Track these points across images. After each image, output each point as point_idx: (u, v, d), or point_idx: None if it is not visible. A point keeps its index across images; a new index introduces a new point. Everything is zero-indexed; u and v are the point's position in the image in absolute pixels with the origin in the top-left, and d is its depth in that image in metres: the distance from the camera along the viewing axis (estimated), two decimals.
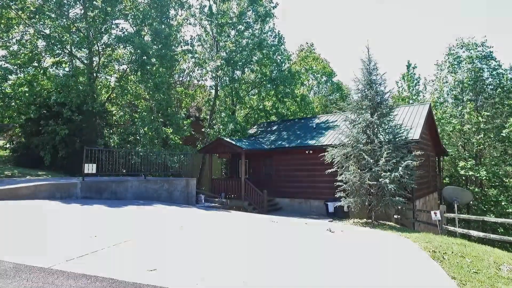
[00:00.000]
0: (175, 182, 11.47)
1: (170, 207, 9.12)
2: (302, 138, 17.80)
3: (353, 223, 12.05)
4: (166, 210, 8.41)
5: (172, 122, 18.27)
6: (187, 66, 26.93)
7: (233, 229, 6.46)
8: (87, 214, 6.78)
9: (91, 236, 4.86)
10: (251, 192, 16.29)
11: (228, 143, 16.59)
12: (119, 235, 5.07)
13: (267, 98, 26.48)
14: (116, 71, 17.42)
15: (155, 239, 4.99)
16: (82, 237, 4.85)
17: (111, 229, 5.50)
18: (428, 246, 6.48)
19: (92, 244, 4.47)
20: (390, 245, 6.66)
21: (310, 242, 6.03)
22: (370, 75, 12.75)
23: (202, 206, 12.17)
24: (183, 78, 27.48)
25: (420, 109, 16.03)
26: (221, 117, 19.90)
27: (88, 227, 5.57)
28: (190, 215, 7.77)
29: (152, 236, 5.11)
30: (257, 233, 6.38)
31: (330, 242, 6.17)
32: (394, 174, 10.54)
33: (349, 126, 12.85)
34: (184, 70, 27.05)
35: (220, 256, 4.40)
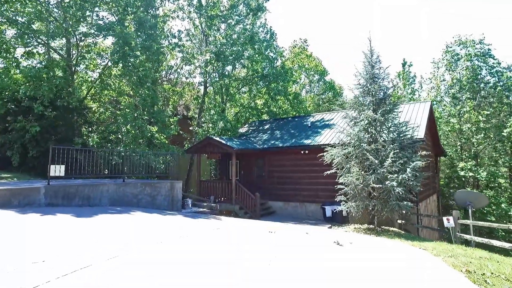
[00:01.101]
0: (158, 186, 10.24)
1: (151, 215, 7.90)
2: (296, 137, 16.76)
3: (355, 230, 11.04)
4: (145, 219, 7.20)
5: (157, 120, 16.99)
6: (175, 63, 25.67)
7: (224, 247, 5.31)
8: (44, 228, 5.54)
9: (35, 262, 3.65)
10: (242, 195, 15.16)
11: (218, 142, 15.42)
12: (76, 259, 3.88)
13: (258, 96, 25.39)
14: (97, 64, 16.03)
15: (121, 269, 3.80)
16: (22, 263, 3.63)
17: (67, 250, 4.30)
18: (456, 262, 5.47)
19: (32, 274, 3.27)
20: (412, 262, 5.63)
21: (319, 264, 4.93)
22: (373, 69, 11.79)
23: (189, 212, 10.97)
24: (171, 75, 26.18)
25: (422, 107, 15.17)
26: (210, 115, 18.70)
27: (38, 246, 4.35)
28: (171, 226, 6.58)
29: (118, 265, 3.93)
30: (255, 251, 5.26)
31: (343, 263, 5.10)
32: (402, 176, 9.56)
33: (350, 124, 11.86)
34: (172, 67, 25.77)
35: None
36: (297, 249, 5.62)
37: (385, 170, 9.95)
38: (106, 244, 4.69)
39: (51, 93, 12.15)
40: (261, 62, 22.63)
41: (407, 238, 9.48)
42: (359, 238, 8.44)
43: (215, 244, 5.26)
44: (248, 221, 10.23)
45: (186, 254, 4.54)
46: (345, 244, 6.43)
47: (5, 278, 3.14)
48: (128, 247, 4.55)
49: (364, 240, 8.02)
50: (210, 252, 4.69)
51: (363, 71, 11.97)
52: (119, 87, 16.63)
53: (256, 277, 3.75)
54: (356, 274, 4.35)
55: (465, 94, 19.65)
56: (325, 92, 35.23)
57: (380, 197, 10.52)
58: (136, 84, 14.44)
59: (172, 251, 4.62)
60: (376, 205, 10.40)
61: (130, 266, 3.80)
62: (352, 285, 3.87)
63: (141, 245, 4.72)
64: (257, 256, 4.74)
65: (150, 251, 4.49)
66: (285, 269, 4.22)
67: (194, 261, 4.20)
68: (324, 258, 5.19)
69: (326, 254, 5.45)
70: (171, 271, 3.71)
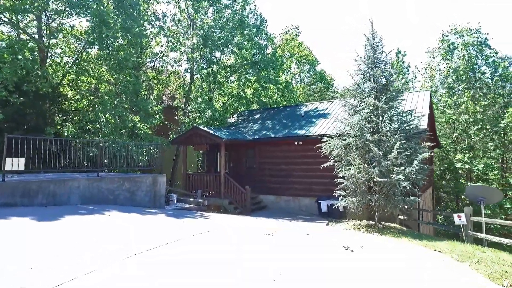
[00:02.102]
0: (139, 180, 9.12)
1: (128, 215, 6.81)
2: (289, 127, 15.79)
3: (354, 227, 10.21)
4: (119, 222, 6.11)
5: (140, 109, 15.73)
6: (160, 50, 24.20)
7: (215, 264, 4.30)
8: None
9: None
10: (232, 189, 14.16)
11: (206, 132, 14.30)
12: (18, 278, 2.81)
13: (247, 85, 24.24)
14: (74, 49, 14.53)
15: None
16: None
17: (14, 265, 3.22)
18: (490, 272, 4.62)
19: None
20: (438, 272, 4.76)
21: (337, 276, 3.98)
22: (375, 53, 10.85)
23: (174, 209, 9.91)
24: (155, 62, 24.67)
25: (421, 96, 14.39)
26: (197, 103, 17.51)
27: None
28: (149, 231, 5.51)
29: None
30: (253, 260, 4.29)
31: (362, 274, 4.17)
32: (409, 169, 8.72)
33: (350, 112, 10.94)
34: (156, 54, 24.28)
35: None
36: (304, 259, 4.65)
37: (389, 163, 9.09)
38: (55, 263, 3.60)
39: (14, 76, 10.74)
40: (250, 49, 21.45)
41: (413, 237, 8.69)
42: (364, 238, 7.58)
43: (203, 260, 4.24)
44: (239, 219, 9.24)
45: (174, 259, 3.50)
46: (355, 248, 5.52)
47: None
48: (79, 269, 3.47)
49: (371, 241, 7.15)
50: (195, 276, 3.63)
51: (364, 56, 11.02)
52: (99, 73, 15.22)
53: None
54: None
55: (462, 84, 19.03)
56: (316, 82, 34.32)
57: (383, 191, 9.70)
58: (115, 69, 13.10)
59: (141, 279, 3.53)
60: (379, 200, 9.57)
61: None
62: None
63: (98, 269, 3.64)
64: (258, 275, 3.75)
65: (107, 280, 3.42)
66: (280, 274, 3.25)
67: (185, 267, 3.17)
68: (338, 267, 4.24)
69: (338, 263, 4.51)
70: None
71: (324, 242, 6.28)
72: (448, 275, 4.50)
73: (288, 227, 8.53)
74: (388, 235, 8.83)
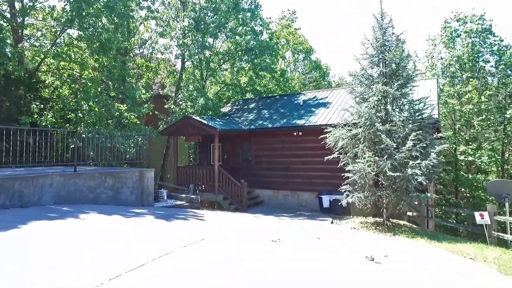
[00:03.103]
0: (124, 176, 8.07)
1: (109, 218, 5.79)
2: (287, 117, 14.81)
3: (361, 225, 9.38)
4: (97, 227, 5.10)
5: (126, 96, 14.53)
6: (149, 36, 22.79)
7: (216, 282, 3.35)
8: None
9: None
10: (226, 183, 13.19)
11: (198, 122, 13.24)
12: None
13: (242, 73, 23.10)
14: (49, 27, 13.16)
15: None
16: None
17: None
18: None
19: None
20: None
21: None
22: (384, 35, 9.89)
23: (164, 207, 8.91)
24: (145, 50, 23.23)
25: (428, 84, 13.52)
26: (189, 91, 16.35)
27: None
28: (132, 241, 4.52)
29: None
30: (264, 281, 3.36)
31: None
32: (426, 162, 7.86)
33: (357, 100, 10.01)
34: (145, 40, 22.87)
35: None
36: (329, 280, 3.72)
37: (403, 155, 8.23)
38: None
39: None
40: (245, 35, 20.27)
41: (430, 237, 7.88)
42: (379, 241, 6.72)
43: (202, 259, 3.29)
44: (236, 218, 8.30)
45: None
46: (380, 259, 4.62)
47: None
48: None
49: (390, 246, 6.28)
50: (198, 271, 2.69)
51: (372, 38, 10.06)
52: (82, 58, 13.90)
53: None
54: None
55: (466, 73, 18.26)
56: (311, 71, 33.29)
57: (394, 187, 8.86)
58: (97, 52, 11.85)
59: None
60: (389, 196, 8.73)
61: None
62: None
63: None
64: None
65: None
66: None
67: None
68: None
69: (372, 284, 3.60)
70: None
71: (341, 248, 5.38)
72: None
73: (291, 227, 7.63)
74: (402, 235, 8.00)
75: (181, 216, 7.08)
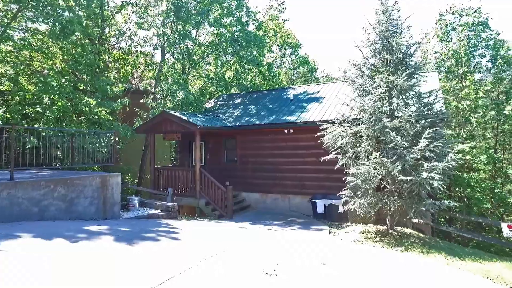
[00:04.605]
0: (80, 183, 6.55)
1: (47, 243, 4.32)
2: (277, 113, 13.49)
3: (363, 235, 8.17)
4: (25, 259, 3.65)
5: (96, 89, 12.89)
6: (127, 28, 20.98)
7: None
8: None
9: None
10: (209, 187, 11.78)
11: (177, 118, 11.77)
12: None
13: (227, 66, 21.64)
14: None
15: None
16: None
17: None
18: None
19: None
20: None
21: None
22: (389, 19, 8.69)
23: (132, 219, 7.45)
24: (123, 42, 21.38)
25: (429, 76, 12.44)
26: (168, 84, 14.80)
27: None
28: (70, 283, 3.08)
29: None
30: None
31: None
32: (443, 164, 6.69)
33: (359, 92, 8.78)
34: (124, 32, 21.06)
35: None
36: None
37: (414, 156, 7.04)
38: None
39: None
40: (230, 27, 18.82)
41: (447, 252, 6.74)
42: (393, 265, 5.48)
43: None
44: (220, 233, 6.92)
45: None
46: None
47: None
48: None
49: (407, 272, 5.05)
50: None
51: (375, 23, 8.85)
52: (42, 44, 12.14)
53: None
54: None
55: (462, 68, 17.40)
56: (299, 66, 32.09)
57: (401, 192, 7.69)
58: (56, 35, 10.17)
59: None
60: (396, 203, 7.54)
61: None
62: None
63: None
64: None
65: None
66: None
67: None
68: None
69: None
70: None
71: (353, 283, 4.10)
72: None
73: (285, 246, 6.32)
74: (414, 249, 6.82)
75: (151, 235, 5.65)
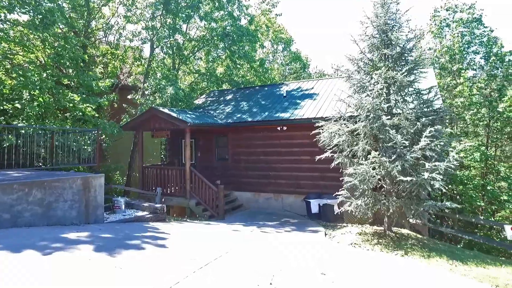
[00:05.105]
0: (59, 185, 6.06)
1: (15, 256, 3.87)
2: (269, 110, 13.10)
3: (361, 239, 7.86)
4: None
5: (80, 84, 12.29)
6: (115, 21, 20.23)
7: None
8: None
9: None
10: (200, 186, 11.35)
11: (166, 115, 11.28)
12: None
13: (218, 62, 21.12)
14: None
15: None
16: None
17: None
18: None
19: None
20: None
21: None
22: (387, 13, 8.34)
23: (117, 223, 7.00)
24: (111, 35, 20.60)
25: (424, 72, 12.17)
26: (156, 79, 14.26)
27: None
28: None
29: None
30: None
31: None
32: (445, 164, 6.39)
33: (355, 89, 8.44)
34: (112, 26, 20.30)
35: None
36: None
37: (415, 155, 6.73)
38: None
39: None
40: (221, 21, 18.29)
41: (448, 255, 6.47)
42: (395, 272, 5.16)
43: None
44: (211, 236, 6.51)
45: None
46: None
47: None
48: None
49: (414, 281, 4.73)
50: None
51: (373, 16, 8.50)
52: (22, 36, 11.48)
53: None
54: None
55: (456, 64, 17.25)
56: (291, 62, 31.72)
57: (402, 193, 7.39)
58: (35, 26, 9.54)
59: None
60: (395, 204, 7.24)
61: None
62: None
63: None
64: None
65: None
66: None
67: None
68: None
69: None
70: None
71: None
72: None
73: (283, 252, 5.95)
74: (414, 253, 6.53)
75: (135, 242, 5.21)
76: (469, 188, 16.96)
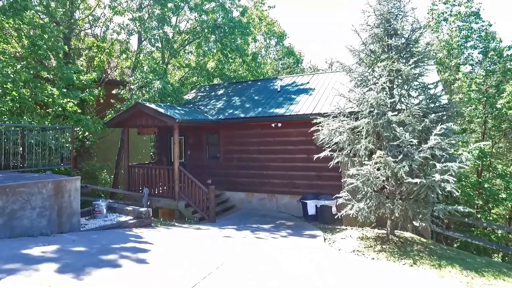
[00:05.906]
0: (26, 190, 5.31)
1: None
2: (263, 105, 12.43)
3: (364, 244, 7.29)
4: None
5: (59, 77, 11.44)
6: (102, 13, 19.24)
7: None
8: None
9: None
10: (189, 187, 10.65)
11: (153, 111, 10.52)
12: None
13: (209, 56, 20.32)
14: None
15: None
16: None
17: None
18: None
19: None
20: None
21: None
22: (390, 1, 7.73)
23: (96, 231, 6.28)
24: (97, 28, 19.58)
25: (430, 65, 11.64)
26: (143, 73, 13.44)
27: None
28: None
29: None
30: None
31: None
32: (458, 165, 5.82)
33: (355, 83, 7.83)
34: (98, 18, 19.30)
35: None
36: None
37: (424, 155, 6.15)
38: None
39: None
40: (212, 13, 17.49)
41: (461, 265, 5.93)
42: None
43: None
44: (197, 245, 5.84)
45: None
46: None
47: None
48: None
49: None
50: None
51: (375, 4, 7.88)
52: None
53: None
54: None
55: (454, 60, 16.81)
56: (284, 57, 31.03)
57: (408, 196, 6.83)
58: (4, 11, 8.67)
59: None
60: (402, 207, 6.67)
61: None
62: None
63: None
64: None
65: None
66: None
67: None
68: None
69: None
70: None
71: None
72: None
73: (281, 264, 5.33)
74: (423, 262, 5.97)
75: (111, 256, 4.52)
76: (466, 186, 16.57)
